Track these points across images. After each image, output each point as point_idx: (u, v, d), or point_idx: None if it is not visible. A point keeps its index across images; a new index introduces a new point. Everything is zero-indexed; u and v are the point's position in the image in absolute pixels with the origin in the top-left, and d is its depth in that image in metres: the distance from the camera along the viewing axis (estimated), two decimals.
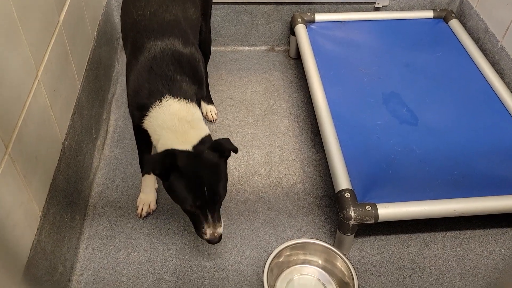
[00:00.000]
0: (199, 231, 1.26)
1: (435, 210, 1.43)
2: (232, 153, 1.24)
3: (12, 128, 1.08)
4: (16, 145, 1.08)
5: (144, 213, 1.58)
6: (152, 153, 1.52)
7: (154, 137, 1.28)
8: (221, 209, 1.61)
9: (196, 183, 1.18)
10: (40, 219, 1.21)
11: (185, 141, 1.21)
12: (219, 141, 1.22)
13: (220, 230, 1.26)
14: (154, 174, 1.24)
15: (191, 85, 1.29)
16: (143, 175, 1.59)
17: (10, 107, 1.08)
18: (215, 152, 1.22)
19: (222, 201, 1.26)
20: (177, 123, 1.22)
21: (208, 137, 1.26)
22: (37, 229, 1.19)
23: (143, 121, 1.29)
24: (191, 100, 1.27)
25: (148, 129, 1.30)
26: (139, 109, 1.28)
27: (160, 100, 1.24)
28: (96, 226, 1.56)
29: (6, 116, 1.05)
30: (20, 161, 1.10)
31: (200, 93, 1.33)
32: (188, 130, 1.22)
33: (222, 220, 1.27)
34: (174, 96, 1.25)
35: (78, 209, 1.52)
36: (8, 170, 1.04)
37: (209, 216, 1.23)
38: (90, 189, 1.66)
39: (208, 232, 1.24)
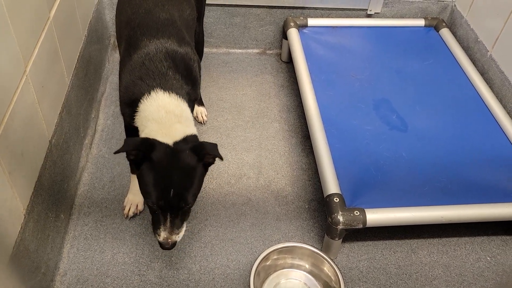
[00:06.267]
0: (154, 230, 1.18)
1: (422, 217, 1.43)
2: (218, 159, 1.19)
3: None
4: (1, 141, 1.06)
5: (130, 214, 1.56)
6: None
7: (141, 132, 1.23)
8: (207, 211, 1.62)
9: (164, 181, 1.11)
10: (24, 217, 1.19)
11: (168, 134, 1.15)
12: (203, 144, 1.16)
13: (175, 238, 1.16)
14: (128, 159, 1.16)
15: (184, 84, 1.26)
16: (132, 173, 1.57)
17: None
18: (196, 154, 1.14)
19: (189, 208, 1.18)
20: (163, 115, 1.18)
21: (194, 137, 1.20)
22: (21, 227, 1.16)
23: (134, 118, 1.26)
24: (183, 97, 1.23)
25: (138, 126, 1.26)
26: (129, 105, 1.26)
27: (149, 93, 1.21)
28: (81, 226, 1.54)
29: None
30: (5, 158, 1.08)
31: (193, 94, 1.31)
32: (174, 123, 1.18)
33: (183, 228, 1.18)
34: (164, 90, 1.21)
35: (64, 208, 1.50)
36: None
37: (168, 220, 1.14)
38: (76, 188, 1.64)
39: (162, 235, 1.16)
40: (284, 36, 2.21)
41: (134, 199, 1.57)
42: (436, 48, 2.15)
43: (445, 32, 2.19)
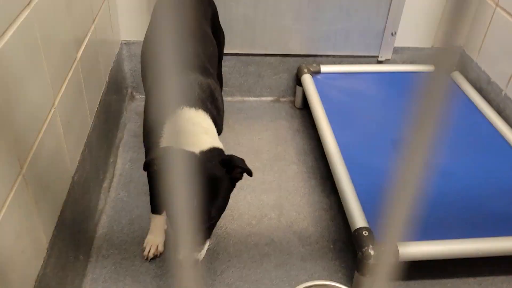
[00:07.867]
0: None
1: (458, 249, 1.38)
2: (242, 182, 1.14)
3: (27, 149, 1.05)
4: (30, 168, 1.05)
5: (151, 255, 1.51)
6: None
7: None
8: (229, 252, 1.56)
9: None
10: (47, 251, 1.14)
11: (195, 144, 1.11)
12: (232, 156, 1.12)
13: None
14: (152, 169, 1.08)
15: (210, 107, 1.26)
16: (152, 213, 1.53)
17: (28, 128, 1.06)
18: (225, 166, 1.10)
19: (214, 223, 1.10)
20: (191, 127, 1.14)
21: (220, 150, 1.16)
22: (43, 261, 1.12)
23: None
24: (209, 115, 1.21)
25: None
26: (153, 139, 1.24)
27: (175, 111, 1.19)
28: (100, 268, 1.48)
29: (23, 136, 1.03)
30: (33, 185, 1.06)
31: (219, 122, 1.31)
32: (201, 133, 1.14)
33: (205, 246, 1.09)
34: (191, 106, 1.19)
35: (83, 250, 1.45)
36: (21, 191, 1.00)
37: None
38: (95, 231, 1.59)
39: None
40: (298, 82, 2.25)
41: (155, 240, 1.52)
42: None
43: (456, 75, 2.23)
